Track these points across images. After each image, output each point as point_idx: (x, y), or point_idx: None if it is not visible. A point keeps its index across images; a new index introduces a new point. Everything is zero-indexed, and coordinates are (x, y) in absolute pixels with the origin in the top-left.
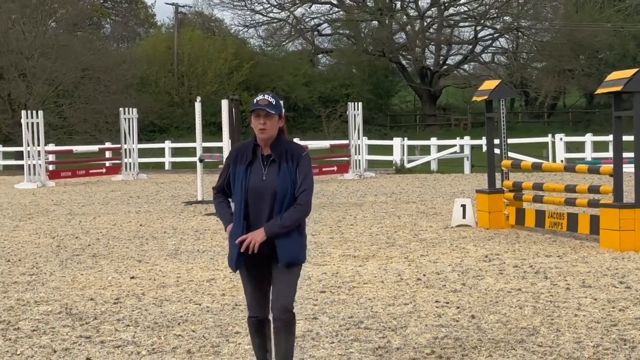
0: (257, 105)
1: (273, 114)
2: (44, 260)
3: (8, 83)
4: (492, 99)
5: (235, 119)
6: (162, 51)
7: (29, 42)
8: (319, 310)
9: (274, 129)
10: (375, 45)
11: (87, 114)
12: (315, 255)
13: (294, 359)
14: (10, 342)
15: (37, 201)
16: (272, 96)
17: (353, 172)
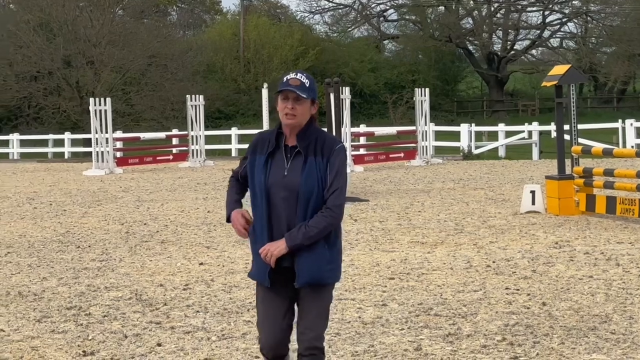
0: (287, 86)
1: (304, 98)
2: (113, 247)
3: (76, 71)
4: (561, 84)
5: None
6: (228, 38)
7: (96, 29)
8: (388, 296)
9: (304, 116)
10: (441, 31)
11: (154, 101)
12: (384, 242)
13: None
14: (81, 327)
15: (106, 188)
16: (306, 76)
17: (420, 158)
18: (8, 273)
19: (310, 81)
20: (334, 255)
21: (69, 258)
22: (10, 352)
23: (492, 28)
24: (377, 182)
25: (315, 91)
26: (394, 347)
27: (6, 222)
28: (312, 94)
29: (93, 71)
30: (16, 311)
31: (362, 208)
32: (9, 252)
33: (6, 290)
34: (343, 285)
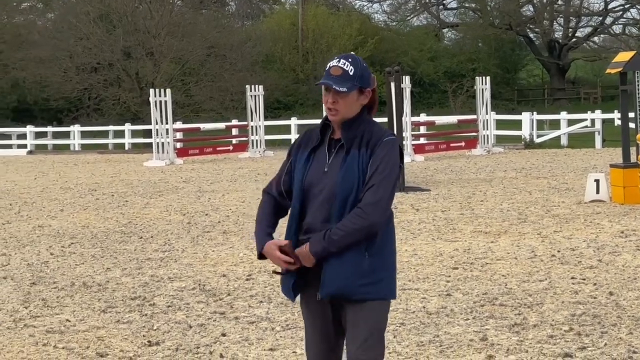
0: (326, 78)
1: (345, 92)
2: (176, 237)
3: (136, 62)
4: (626, 71)
5: None
6: (287, 28)
7: (155, 20)
8: (452, 286)
9: (350, 109)
10: (502, 19)
11: (213, 92)
12: (446, 231)
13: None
14: (146, 317)
15: (167, 179)
16: (352, 61)
17: (481, 147)
18: (72, 264)
19: (357, 67)
20: (377, 265)
21: (132, 249)
22: (76, 342)
23: (553, 15)
24: (438, 171)
25: (366, 78)
26: (459, 337)
27: (69, 213)
28: (358, 83)
29: (152, 62)
30: (81, 301)
31: (423, 198)
32: (72, 242)
33: (71, 281)
34: (406, 276)
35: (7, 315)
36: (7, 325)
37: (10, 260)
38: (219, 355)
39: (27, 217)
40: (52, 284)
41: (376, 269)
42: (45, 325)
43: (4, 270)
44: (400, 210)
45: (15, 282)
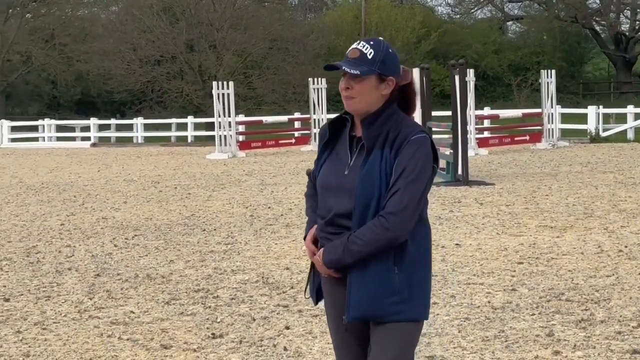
0: (343, 59)
1: (360, 76)
2: (239, 230)
3: (199, 54)
4: None
5: (425, 89)
6: (350, 21)
7: (218, 13)
8: (518, 281)
9: (368, 99)
10: (567, 11)
11: (276, 85)
12: (511, 225)
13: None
14: (210, 310)
15: (229, 171)
16: (372, 45)
17: (546, 141)
18: (136, 256)
19: (378, 51)
20: (409, 282)
21: (195, 241)
22: (140, 334)
23: (620, 7)
24: (502, 165)
25: (389, 65)
26: (525, 332)
27: (133, 205)
28: (377, 68)
29: (215, 55)
30: (145, 293)
31: (487, 192)
32: (136, 234)
33: (135, 273)
34: (471, 270)
35: (72, 307)
36: (72, 316)
37: (75, 251)
38: (282, 348)
39: (91, 209)
40: (116, 276)
41: (408, 285)
42: (109, 317)
43: (68, 262)
44: (464, 204)
45: (79, 274)
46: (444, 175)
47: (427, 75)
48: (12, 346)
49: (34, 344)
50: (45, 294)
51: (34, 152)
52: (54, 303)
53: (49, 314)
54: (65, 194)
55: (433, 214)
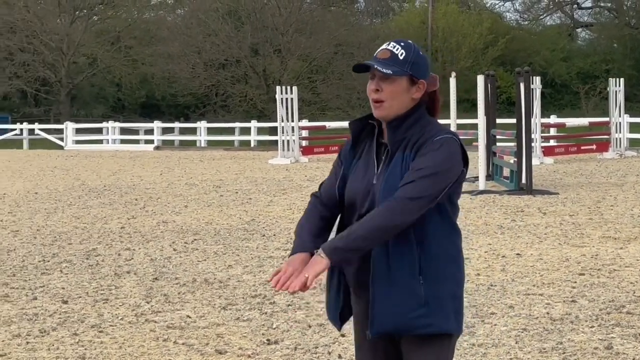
0: (372, 60)
1: (391, 75)
2: None
3: (263, 59)
4: None
5: (490, 96)
6: (416, 26)
7: (284, 18)
8: (578, 293)
9: (398, 102)
10: (638, 19)
11: (340, 90)
12: (574, 236)
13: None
14: (266, 315)
15: (291, 177)
16: (404, 46)
17: (613, 150)
18: (195, 260)
19: (410, 52)
20: (436, 293)
21: (254, 246)
22: (196, 339)
23: None
24: (567, 174)
25: (421, 67)
26: (583, 344)
27: (193, 209)
28: (408, 69)
29: (280, 59)
30: (202, 298)
31: (551, 201)
32: (195, 239)
33: (192, 277)
34: (531, 280)
35: (129, 310)
36: (129, 319)
37: (134, 255)
38: (337, 355)
39: (152, 213)
40: (174, 280)
41: (431, 297)
42: (166, 321)
43: (127, 265)
44: (527, 213)
45: (138, 277)
46: (507, 183)
47: (492, 82)
48: (68, 348)
49: (90, 347)
50: (103, 296)
51: (98, 154)
52: (112, 306)
53: (106, 316)
54: (126, 196)
55: (495, 223)
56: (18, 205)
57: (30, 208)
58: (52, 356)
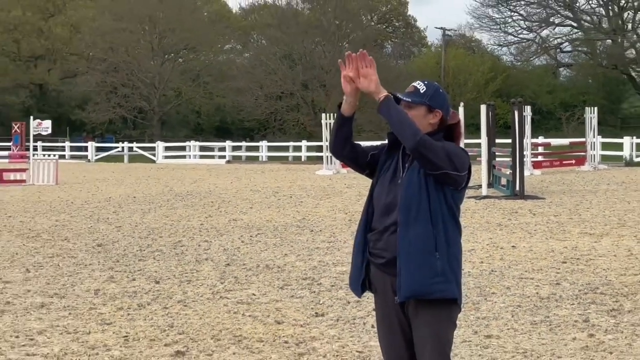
0: (401, 93)
1: (411, 103)
2: (339, 231)
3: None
4: None
5: (491, 121)
6: (432, 66)
7: (328, 59)
8: (561, 277)
9: (422, 124)
10: (609, 60)
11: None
12: (557, 232)
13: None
14: (314, 294)
15: (333, 185)
16: (426, 84)
17: (589, 164)
18: (258, 250)
19: (429, 88)
20: (447, 266)
21: (304, 239)
22: (259, 312)
23: None
24: (552, 183)
25: (437, 100)
26: (566, 318)
27: (257, 210)
28: (426, 100)
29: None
30: (264, 280)
31: (539, 204)
32: (258, 233)
33: (256, 263)
34: (523, 267)
35: (207, 289)
36: (207, 296)
37: (211, 245)
38: (370, 325)
39: (224, 212)
40: (242, 265)
41: (445, 269)
42: (236, 298)
43: (205, 254)
44: (520, 214)
45: (214, 263)
46: (504, 190)
47: (492, 110)
48: (160, 319)
49: (177, 318)
50: (187, 278)
51: (182, 167)
52: (193, 286)
53: (189, 294)
54: (204, 200)
55: (494, 222)
56: (120, 207)
57: (130, 209)
58: (147, 325)
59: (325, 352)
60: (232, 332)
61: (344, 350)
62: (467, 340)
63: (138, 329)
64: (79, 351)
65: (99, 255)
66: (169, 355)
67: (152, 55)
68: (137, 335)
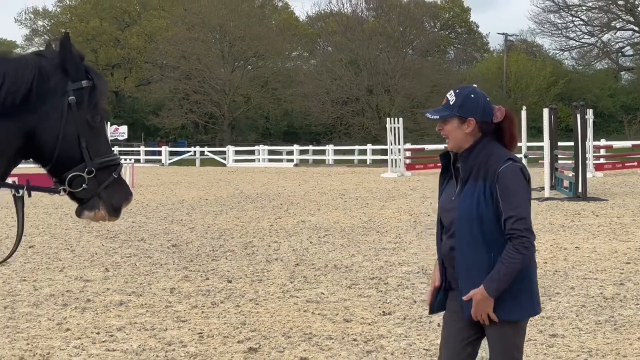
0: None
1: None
2: (404, 232)
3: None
4: None
5: (553, 124)
6: (494, 71)
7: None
8: (625, 278)
9: (457, 137)
10: None
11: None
12: (621, 233)
13: (605, 315)
14: (381, 293)
15: (398, 187)
16: (457, 92)
17: None
18: (326, 250)
19: (459, 97)
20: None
21: (371, 240)
22: (328, 310)
23: None
24: (615, 185)
25: (467, 107)
26: (630, 318)
27: (324, 212)
28: (456, 112)
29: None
30: (332, 279)
31: (602, 206)
32: (326, 234)
33: (325, 263)
34: (587, 267)
35: (277, 288)
36: (278, 295)
37: (280, 246)
38: (436, 324)
39: (293, 214)
40: (310, 265)
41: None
42: (305, 297)
43: (275, 254)
44: (583, 215)
45: (283, 263)
46: (567, 192)
47: (554, 114)
48: (232, 316)
49: (249, 315)
50: (258, 277)
51: (251, 170)
52: (264, 285)
53: (260, 293)
54: (273, 202)
55: (557, 223)
56: (193, 209)
57: (202, 210)
58: (221, 322)
59: (393, 350)
60: (302, 330)
61: (411, 348)
62: (532, 339)
63: (212, 326)
64: (156, 347)
65: (173, 255)
66: (242, 352)
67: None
68: (211, 332)
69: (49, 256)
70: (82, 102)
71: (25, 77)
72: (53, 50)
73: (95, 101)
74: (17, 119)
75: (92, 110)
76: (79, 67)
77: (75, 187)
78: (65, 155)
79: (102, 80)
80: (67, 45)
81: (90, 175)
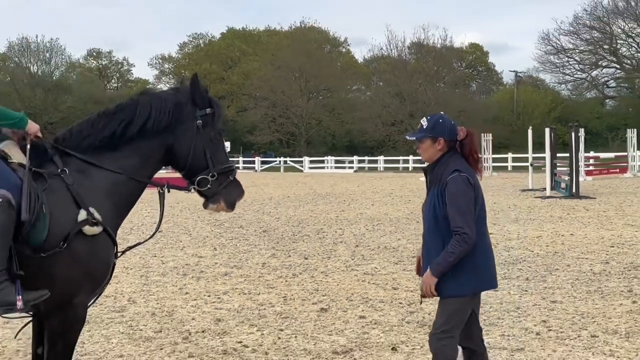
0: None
1: (415, 140)
2: None
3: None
4: None
5: (553, 140)
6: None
7: (428, 96)
8: (609, 258)
9: (428, 154)
10: None
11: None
12: (606, 224)
13: (594, 287)
14: None
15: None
16: (429, 118)
17: (630, 172)
18: (378, 235)
19: (430, 121)
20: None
21: (413, 228)
22: (380, 281)
23: None
24: (601, 187)
25: (436, 128)
26: (614, 289)
27: (377, 206)
28: (429, 133)
29: None
30: (383, 257)
31: (591, 202)
32: (378, 223)
33: (377, 245)
34: (580, 249)
35: (341, 263)
36: (342, 269)
37: (344, 232)
38: None
39: (353, 208)
40: (367, 247)
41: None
42: (363, 270)
43: (340, 238)
44: (576, 210)
45: (346, 245)
46: (564, 192)
47: (554, 132)
48: (308, 285)
49: (320, 284)
50: (327, 255)
51: (322, 175)
52: (332, 261)
53: (329, 267)
54: (339, 199)
55: (556, 215)
56: (278, 204)
57: (285, 205)
58: (300, 289)
59: (430, 311)
60: (361, 295)
61: None
62: (537, 304)
63: (293, 292)
64: (251, 307)
65: (264, 238)
66: (316, 311)
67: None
68: (292, 296)
69: (172, 238)
70: (207, 124)
71: (167, 108)
72: (185, 86)
73: (216, 123)
74: (161, 138)
75: (214, 130)
76: (204, 99)
77: (202, 187)
78: (195, 164)
79: (221, 108)
80: (196, 82)
81: (213, 178)
